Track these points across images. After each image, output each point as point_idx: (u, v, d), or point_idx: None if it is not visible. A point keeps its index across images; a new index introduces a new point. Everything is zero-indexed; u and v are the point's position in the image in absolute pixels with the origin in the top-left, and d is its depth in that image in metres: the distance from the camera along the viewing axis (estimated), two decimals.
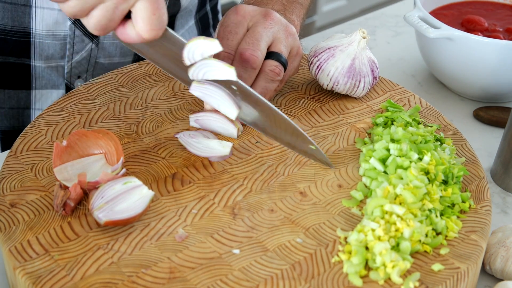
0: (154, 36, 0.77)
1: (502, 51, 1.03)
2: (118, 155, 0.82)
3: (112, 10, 0.75)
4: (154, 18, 0.76)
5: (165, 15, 0.77)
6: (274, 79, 0.90)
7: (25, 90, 1.10)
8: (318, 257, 0.75)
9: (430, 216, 0.78)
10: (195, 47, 0.82)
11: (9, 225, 0.77)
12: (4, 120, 1.11)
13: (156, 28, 0.76)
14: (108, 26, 0.77)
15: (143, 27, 0.76)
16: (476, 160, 0.89)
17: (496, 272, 0.82)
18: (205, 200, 0.81)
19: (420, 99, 0.99)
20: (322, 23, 2.82)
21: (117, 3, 0.74)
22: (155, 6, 0.75)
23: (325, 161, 0.86)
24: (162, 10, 0.76)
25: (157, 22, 0.76)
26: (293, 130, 0.85)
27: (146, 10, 0.75)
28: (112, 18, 0.76)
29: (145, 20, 0.76)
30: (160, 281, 0.72)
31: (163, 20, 0.77)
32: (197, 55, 0.82)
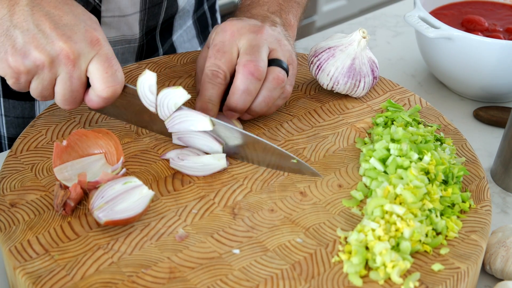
0: (113, 93, 0.81)
1: (502, 51, 1.03)
2: (118, 155, 0.82)
3: (69, 80, 0.79)
4: (107, 76, 0.80)
5: (119, 71, 0.81)
6: (277, 87, 0.88)
7: (29, 101, 1.10)
8: (318, 257, 0.75)
9: (430, 216, 0.78)
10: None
11: (9, 225, 0.77)
12: (10, 127, 1.12)
13: (112, 85, 0.80)
14: (74, 97, 0.81)
15: (100, 87, 0.80)
16: (476, 160, 0.89)
17: (496, 272, 0.82)
18: (205, 200, 0.81)
19: (420, 99, 0.99)
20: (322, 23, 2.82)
21: (69, 71, 0.79)
22: (106, 65, 0.80)
23: (311, 172, 0.85)
24: (114, 67, 0.80)
25: (111, 79, 0.80)
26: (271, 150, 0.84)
27: (98, 70, 0.79)
28: (72, 88, 0.80)
29: (100, 80, 0.80)
30: (160, 281, 0.72)
31: (117, 76, 0.80)
32: (148, 94, 0.84)
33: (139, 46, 1.11)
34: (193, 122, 0.85)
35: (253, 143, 0.85)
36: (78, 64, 0.79)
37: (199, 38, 1.26)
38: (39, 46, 0.77)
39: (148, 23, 1.10)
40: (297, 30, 1.02)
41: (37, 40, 0.77)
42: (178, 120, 0.85)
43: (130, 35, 1.09)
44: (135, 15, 1.07)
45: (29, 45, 0.77)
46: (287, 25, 0.98)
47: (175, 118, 0.85)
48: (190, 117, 0.85)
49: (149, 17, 1.09)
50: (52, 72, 0.79)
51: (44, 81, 0.79)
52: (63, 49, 0.78)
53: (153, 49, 1.16)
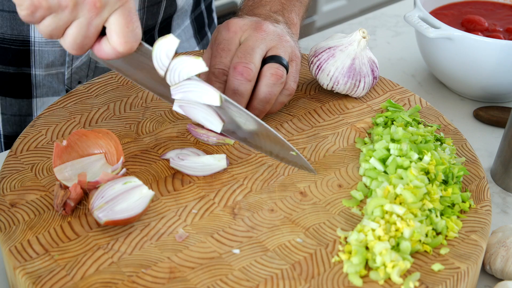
0: (129, 49, 0.78)
1: (502, 51, 1.03)
2: (118, 155, 0.82)
3: (86, 26, 0.76)
4: (127, 31, 0.76)
5: (139, 28, 0.78)
6: (277, 82, 0.89)
7: (26, 99, 1.10)
8: (318, 257, 0.75)
9: (430, 216, 0.78)
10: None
11: (9, 225, 0.77)
12: (7, 125, 1.11)
13: (131, 41, 0.77)
14: (84, 43, 0.77)
15: (117, 41, 0.77)
16: (476, 160, 0.89)
17: (496, 272, 0.82)
18: (205, 200, 0.81)
19: (420, 99, 0.99)
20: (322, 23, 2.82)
21: (90, 18, 0.75)
22: (128, 19, 0.76)
23: (306, 167, 0.85)
24: (135, 23, 0.77)
25: (131, 35, 0.77)
26: (273, 137, 0.84)
27: (119, 23, 0.76)
28: (87, 34, 0.76)
29: (119, 33, 0.76)
30: (160, 281, 0.72)
31: (137, 33, 0.77)
32: (164, 58, 0.81)
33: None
34: (202, 94, 0.82)
35: (257, 127, 0.84)
36: (102, 12, 0.75)
37: (196, 38, 1.26)
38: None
39: (147, 22, 1.10)
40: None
41: None
42: (186, 88, 0.82)
43: None
44: None
45: None
46: (290, 24, 0.98)
47: (183, 86, 0.82)
48: (199, 88, 0.82)
49: (148, 16, 1.09)
50: (72, 15, 0.75)
51: (60, 21, 0.75)
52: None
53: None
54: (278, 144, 0.84)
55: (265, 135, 0.84)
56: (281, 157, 0.85)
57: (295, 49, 0.93)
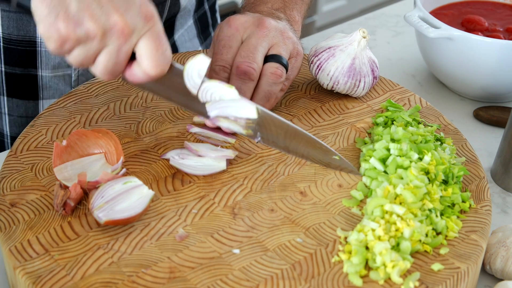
0: (161, 72, 0.77)
1: (502, 51, 1.03)
2: (118, 154, 0.82)
3: (116, 53, 0.75)
4: (158, 54, 0.76)
5: (169, 50, 0.77)
6: (277, 82, 0.89)
7: (33, 100, 1.10)
8: (318, 257, 0.75)
9: (430, 216, 0.78)
10: (191, 71, 0.81)
11: (9, 224, 0.77)
12: (13, 126, 1.11)
13: (162, 64, 0.77)
14: (115, 69, 0.77)
15: (148, 65, 0.76)
16: (476, 160, 0.89)
17: (496, 272, 0.82)
18: (205, 199, 0.81)
19: (420, 99, 0.99)
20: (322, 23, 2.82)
21: (119, 45, 0.75)
22: (157, 43, 0.76)
23: (352, 170, 0.85)
24: (165, 45, 0.77)
25: (162, 57, 0.76)
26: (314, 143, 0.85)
27: (149, 47, 0.76)
28: (117, 61, 0.76)
29: (150, 57, 0.76)
30: (160, 281, 0.72)
31: (167, 55, 0.77)
32: (196, 77, 0.81)
33: None
34: (238, 109, 0.83)
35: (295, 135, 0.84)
36: (130, 39, 0.75)
37: (199, 37, 1.26)
38: (94, 16, 0.74)
39: None
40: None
41: (92, 9, 0.74)
42: (222, 104, 0.83)
43: None
44: None
45: (83, 13, 0.73)
46: (292, 21, 0.99)
47: (219, 102, 0.83)
48: (235, 102, 0.83)
49: None
50: (101, 44, 0.75)
51: (90, 51, 0.76)
52: (117, 22, 0.74)
53: None
54: (319, 150, 0.85)
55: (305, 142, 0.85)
56: (326, 162, 0.85)
57: (297, 45, 0.93)
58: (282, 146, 0.86)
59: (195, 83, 0.82)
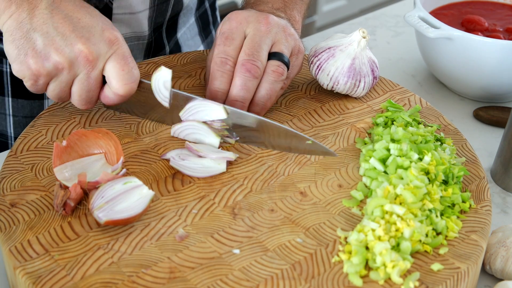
0: (130, 90, 0.82)
1: (502, 51, 1.03)
2: (118, 155, 0.82)
3: (86, 80, 0.81)
4: (124, 73, 0.81)
5: (135, 69, 0.82)
6: (278, 80, 0.90)
7: (38, 100, 1.10)
8: (318, 257, 0.75)
9: (430, 216, 0.78)
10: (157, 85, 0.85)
11: (9, 225, 0.77)
12: (18, 127, 1.12)
13: (129, 82, 0.82)
14: (90, 96, 0.83)
15: (116, 85, 0.82)
16: (476, 160, 0.89)
17: (496, 272, 0.82)
18: (205, 200, 0.81)
19: (420, 99, 0.99)
20: (322, 23, 2.82)
21: (87, 72, 0.80)
22: (122, 63, 0.81)
23: (326, 151, 0.87)
24: (130, 64, 0.82)
25: (128, 76, 0.81)
26: (286, 132, 0.86)
27: (115, 69, 0.81)
28: (89, 88, 0.82)
29: (116, 77, 0.81)
30: (160, 281, 0.72)
31: (133, 73, 0.82)
32: (162, 89, 0.85)
33: (148, 43, 1.12)
34: (208, 112, 0.86)
35: (267, 127, 0.86)
36: (97, 64, 0.80)
37: (201, 35, 1.27)
38: (59, 49, 0.79)
39: (156, 20, 1.11)
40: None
41: (57, 42, 0.79)
42: (192, 110, 0.87)
43: (139, 32, 1.09)
44: (145, 12, 1.07)
45: (49, 47, 0.79)
46: (292, 21, 1.00)
47: (190, 110, 0.87)
48: (204, 107, 0.86)
49: (157, 14, 1.10)
50: (71, 74, 0.80)
51: (62, 83, 0.81)
52: (82, 51, 0.79)
53: (160, 46, 1.17)
54: (292, 137, 0.86)
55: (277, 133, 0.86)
56: (301, 149, 0.87)
57: (298, 42, 0.94)
58: (258, 142, 0.87)
59: (164, 96, 0.86)
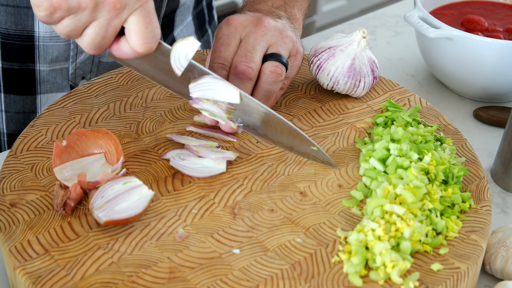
0: (149, 50, 0.77)
1: (502, 51, 1.03)
2: (118, 154, 0.82)
3: (105, 27, 0.75)
4: (147, 31, 0.76)
5: (158, 28, 0.77)
6: (276, 80, 0.90)
7: (30, 95, 1.10)
8: (318, 257, 0.75)
9: (430, 216, 0.78)
10: (178, 52, 0.80)
11: (9, 225, 0.77)
12: (10, 123, 1.11)
13: (150, 41, 0.77)
14: (103, 43, 0.77)
15: (137, 42, 0.76)
16: (476, 160, 0.89)
17: (496, 272, 0.82)
18: (205, 200, 0.81)
19: (420, 99, 0.99)
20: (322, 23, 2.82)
21: (109, 19, 0.75)
22: (147, 20, 0.76)
23: (327, 161, 0.86)
24: (154, 23, 0.77)
25: (151, 35, 0.77)
26: (293, 132, 0.85)
27: (139, 24, 0.76)
28: (106, 35, 0.76)
29: (139, 34, 0.76)
30: (160, 281, 0.72)
31: (156, 33, 0.77)
32: (182, 59, 0.81)
33: None
34: (221, 92, 0.83)
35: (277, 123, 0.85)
36: (122, 13, 0.75)
37: (197, 34, 1.27)
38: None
39: None
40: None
41: None
42: (205, 86, 0.83)
43: None
44: None
45: None
46: (293, 19, 0.99)
47: (202, 85, 0.83)
48: (218, 85, 0.83)
49: None
50: (92, 16, 0.75)
51: (79, 22, 0.75)
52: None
53: None
54: (297, 138, 0.85)
55: (285, 130, 0.85)
56: (302, 152, 0.86)
57: (296, 44, 0.93)
58: (261, 134, 0.86)
59: (181, 65, 0.81)
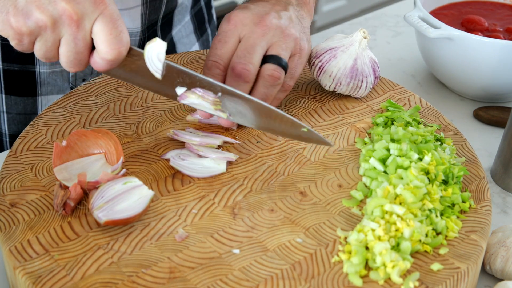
0: (117, 56, 0.77)
1: (502, 51, 1.03)
2: (118, 154, 0.82)
3: (72, 41, 0.76)
4: (111, 37, 0.76)
5: (125, 34, 0.78)
6: (274, 84, 0.88)
7: (31, 97, 1.10)
8: (318, 257, 0.75)
9: (430, 216, 0.78)
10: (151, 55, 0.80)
11: (9, 225, 0.77)
12: (12, 124, 1.11)
13: (117, 47, 0.77)
14: (78, 59, 0.78)
15: (103, 49, 0.77)
16: (476, 160, 0.89)
17: (496, 272, 0.82)
18: (205, 200, 0.81)
19: (420, 99, 0.99)
20: (322, 23, 2.83)
21: (73, 33, 0.76)
22: (110, 26, 0.76)
23: (322, 141, 0.84)
24: (119, 28, 0.77)
25: (116, 40, 0.77)
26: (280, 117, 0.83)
27: (102, 31, 0.76)
28: (77, 50, 0.77)
29: (104, 41, 0.76)
30: (160, 281, 0.72)
31: (122, 37, 0.77)
32: (156, 61, 0.81)
33: (140, 40, 1.12)
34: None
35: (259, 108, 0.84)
36: (82, 25, 0.76)
37: (196, 33, 1.27)
38: (41, 6, 0.74)
39: (149, 17, 1.11)
40: None
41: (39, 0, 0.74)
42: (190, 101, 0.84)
43: (132, 28, 1.09)
44: (137, 9, 1.07)
45: (31, 5, 0.74)
46: (302, 4, 0.97)
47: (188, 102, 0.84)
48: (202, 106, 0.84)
49: (150, 11, 1.10)
50: (55, 33, 0.76)
51: (48, 42, 0.77)
52: (65, 9, 0.74)
53: None
54: (287, 123, 0.84)
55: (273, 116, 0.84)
56: (295, 135, 0.84)
57: (299, 40, 0.92)
58: (251, 123, 0.85)
59: (157, 67, 0.81)
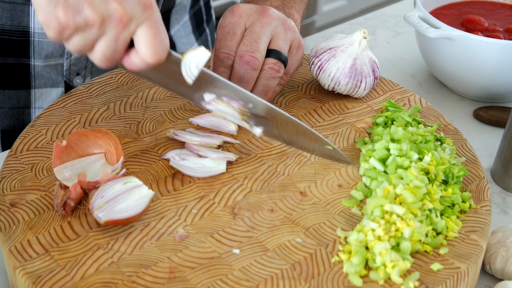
0: (158, 60, 0.78)
1: (502, 51, 1.03)
2: (118, 154, 0.82)
3: (114, 40, 0.76)
4: (156, 42, 0.76)
5: (167, 38, 0.78)
6: (274, 76, 0.91)
7: (25, 90, 1.10)
8: (318, 257, 0.75)
9: (430, 216, 0.78)
10: (189, 62, 0.81)
11: (9, 224, 0.77)
12: (4, 119, 1.11)
13: (160, 51, 0.77)
14: (113, 57, 0.77)
15: (146, 53, 0.77)
16: (476, 160, 0.89)
17: (496, 272, 0.82)
18: (205, 200, 0.81)
19: (420, 99, 0.99)
20: (322, 23, 2.82)
21: (118, 32, 0.75)
22: (155, 31, 0.76)
23: (344, 160, 0.86)
24: (163, 34, 0.77)
25: (160, 46, 0.77)
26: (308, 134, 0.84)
27: (147, 35, 0.76)
28: (116, 48, 0.76)
29: (148, 45, 0.76)
30: (160, 281, 0.72)
31: (165, 43, 0.77)
32: (193, 68, 0.81)
33: None
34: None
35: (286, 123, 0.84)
36: (129, 26, 0.76)
37: (195, 33, 1.27)
38: (93, 4, 0.74)
39: None
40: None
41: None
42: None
43: None
44: None
45: (82, 1, 0.74)
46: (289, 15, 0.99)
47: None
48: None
49: None
50: (100, 31, 0.76)
51: (88, 39, 0.76)
52: (117, 10, 0.74)
53: None
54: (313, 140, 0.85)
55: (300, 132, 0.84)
56: (318, 151, 0.86)
57: (298, 35, 0.94)
58: (277, 136, 0.86)
59: (192, 73, 0.81)
